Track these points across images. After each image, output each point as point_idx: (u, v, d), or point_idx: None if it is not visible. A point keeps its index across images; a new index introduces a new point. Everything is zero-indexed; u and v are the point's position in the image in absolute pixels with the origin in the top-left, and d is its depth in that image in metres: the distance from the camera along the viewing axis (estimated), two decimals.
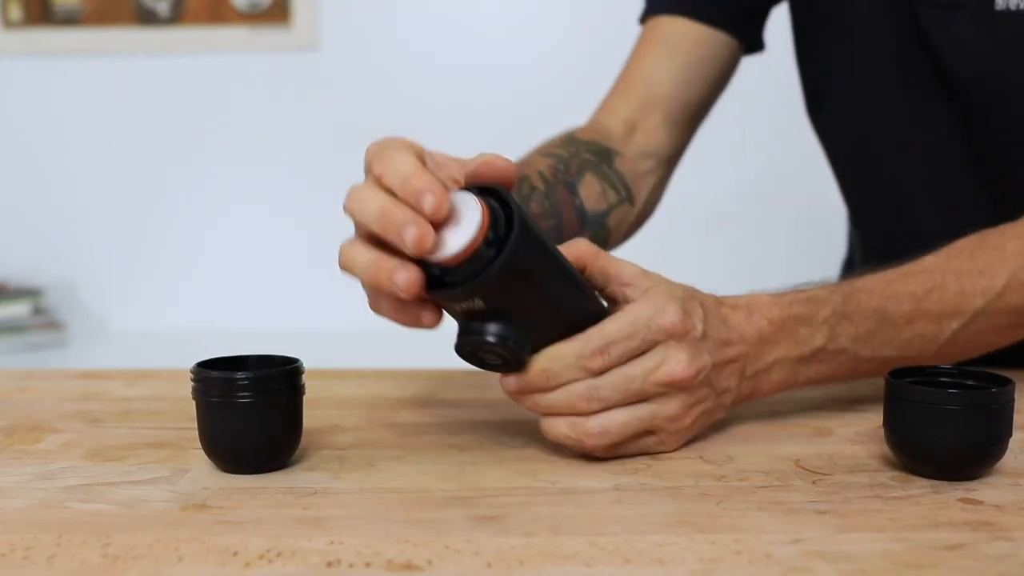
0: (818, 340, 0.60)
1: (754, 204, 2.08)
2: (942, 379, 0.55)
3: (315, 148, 2.12)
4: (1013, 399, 0.52)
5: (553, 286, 0.52)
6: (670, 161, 0.88)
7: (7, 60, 2.15)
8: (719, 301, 0.58)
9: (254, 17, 2.13)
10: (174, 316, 2.16)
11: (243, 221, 2.17)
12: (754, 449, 0.58)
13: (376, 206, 0.48)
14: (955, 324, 0.63)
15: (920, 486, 0.51)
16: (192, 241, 2.18)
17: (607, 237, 0.80)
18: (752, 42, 0.89)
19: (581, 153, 0.78)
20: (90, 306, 2.19)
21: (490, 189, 0.50)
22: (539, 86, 2.00)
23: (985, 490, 0.51)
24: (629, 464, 0.55)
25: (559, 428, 0.54)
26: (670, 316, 0.54)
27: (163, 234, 2.19)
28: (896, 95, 0.81)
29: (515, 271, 0.49)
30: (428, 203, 0.47)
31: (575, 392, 0.53)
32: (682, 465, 0.55)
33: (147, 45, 2.14)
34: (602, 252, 0.56)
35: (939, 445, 0.51)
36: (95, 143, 2.17)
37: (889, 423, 0.53)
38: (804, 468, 0.54)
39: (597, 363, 0.52)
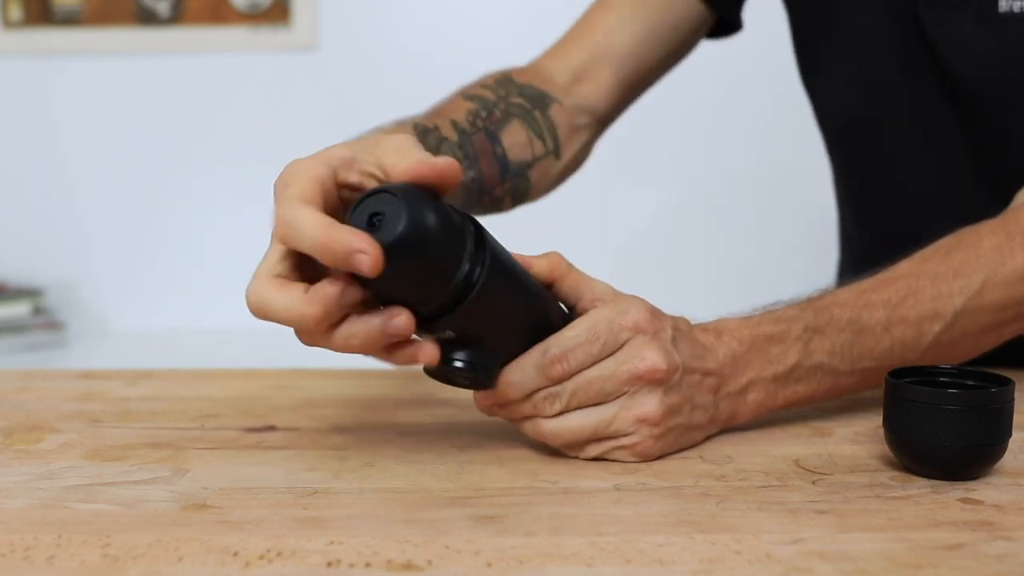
0: (792, 357, 0.59)
1: (756, 195, 2.07)
2: (942, 379, 0.55)
3: (315, 148, 2.11)
4: (1013, 399, 0.52)
5: (520, 307, 0.53)
6: (604, 122, 0.85)
7: (7, 60, 2.15)
8: (688, 323, 0.58)
9: (254, 17, 2.13)
10: (174, 316, 2.16)
11: (243, 221, 2.16)
12: (754, 449, 0.58)
13: (314, 233, 0.45)
14: (936, 327, 0.61)
15: (920, 486, 0.51)
16: (192, 241, 2.18)
17: (527, 190, 0.78)
18: (727, 17, 0.86)
19: (511, 97, 0.76)
20: (90, 306, 2.19)
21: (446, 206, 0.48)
22: None
23: (985, 490, 0.51)
24: (629, 464, 0.55)
25: (524, 428, 0.55)
26: (634, 314, 0.54)
27: (163, 234, 2.19)
28: (896, 94, 0.81)
29: (486, 303, 0.49)
30: (364, 264, 0.43)
31: (538, 396, 0.53)
32: (682, 465, 0.55)
33: (147, 45, 2.14)
34: (574, 268, 0.56)
35: (939, 445, 0.51)
36: (95, 143, 2.17)
37: (889, 423, 0.54)
38: (804, 468, 0.54)
39: (557, 371, 0.52)
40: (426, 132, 0.69)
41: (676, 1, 0.83)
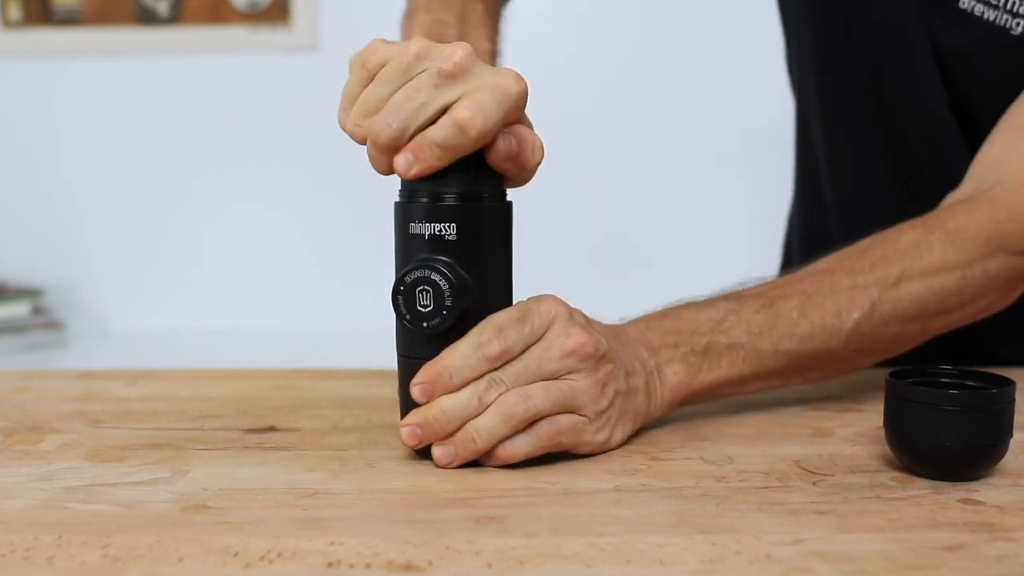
0: (705, 337, 0.60)
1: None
2: (943, 380, 0.55)
3: (315, 148, 2.12)
4: (1014, 400, 0.52)
5: (501, 274, 0.54)
6: None
7: (7, 60, 2.15)
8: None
9: (254, 17, 2.13)
10: (174, 316, 2.16)
11: (243, 221, 2.17)
12: (754, 449, 0.58)
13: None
14: (855, 314, 0.62)
15: (920, 487, 0.51)
16: (192, 241, 2.18)
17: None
18: None
19: None
20: (90, 306, 2.19)
21: None
22: (538, 88, 1.99)
23: (986, 491, 0.51)
24: (629, 464, 0.55)
25: (487, 420, 0.52)
26: (549, 301, 0.55)
27: (163, 234, 2.19)
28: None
29: (495, 219, 0.53)
30: (405, 165, 0.51)
31: (480, 387, 0.52)
32: (682, 465, 0.55)
33: (147, 45, 2.14)
34: None
35: (939, 446, 0.51)
36: (95, 143, 2.17)
37: (889, 424, 0.53)
38: (804, 469, 0.54)
39: (495, 347, 0.52)
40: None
41: None
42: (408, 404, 0.54)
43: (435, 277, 0.52)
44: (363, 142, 0.54)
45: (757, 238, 2.06)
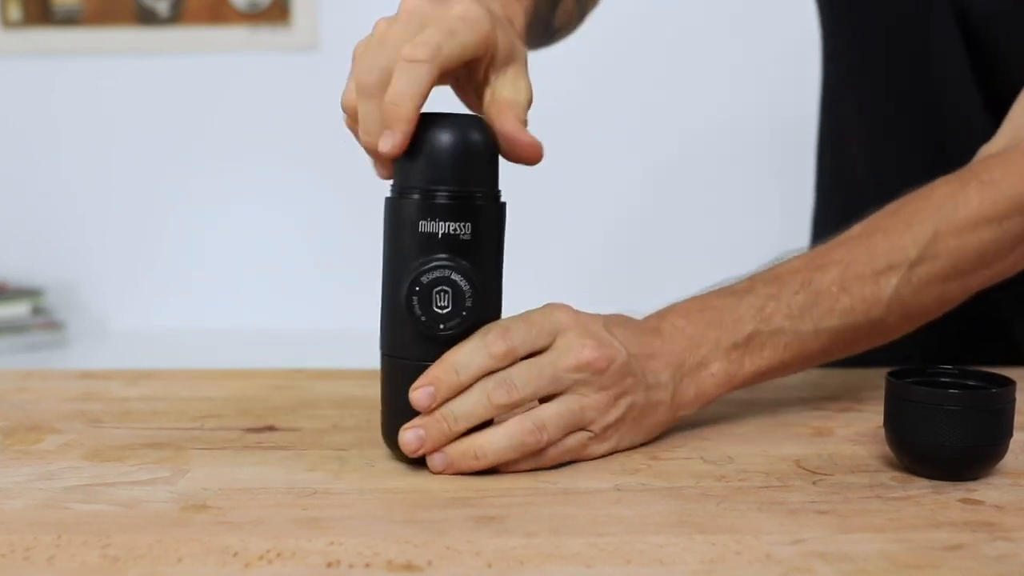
0: (748, 326, 0.59)
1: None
2: (943, 379, 0.55)
3: (315, 148, 2.12)
4: (1014, 399, 0.52)
5: (499, 276, 0.54)
6: None
7: (7, 60, 2.15)
8: (624, 316, 0.58)
9: (254, 17, 2.13)
10: (174, 316, 2.16)
11: (243, 221, 2.16)
12: (754, 449, 0.58)
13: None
14: (894, 280, 0.61)
15: (921, 486, 0.51)
16: (192, 241, 2.18)
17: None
18: None
19: None
20: (90, 306, 2.19)
21: None
22: (537, 88, 1.99)
23: (986, 491, 0.51)
24: (629, 464, 0.55)
25: (497, 443, 0.52)
26: (560, 312, 0.54)
27: (163, 234, 2.19)
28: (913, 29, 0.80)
29: (500, 220, 0.53)
30: (386, 142, 0.50)
31: (489, 385, 0.52)
32: (682, 465, 0.55)
33: (147, 45, 2.14)
34: None
35: (940, 446, 0.51)
36: (95, 143, 2.17)
37: (889, 423, 0.53)
38: (804, 468, 0.54)
39: (500, 346, 0.51)
40: None
41: None
42: (397, 407, 0.53)
43: (455, 277, 0.50)
44: (353, 114, 0.54)
45: (778, 236, 2.07)
